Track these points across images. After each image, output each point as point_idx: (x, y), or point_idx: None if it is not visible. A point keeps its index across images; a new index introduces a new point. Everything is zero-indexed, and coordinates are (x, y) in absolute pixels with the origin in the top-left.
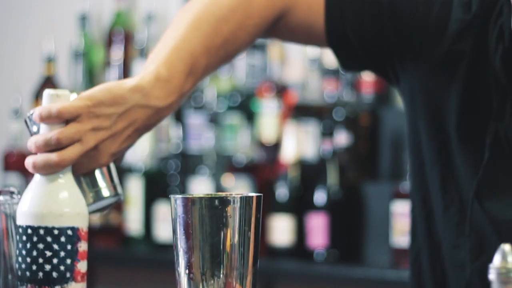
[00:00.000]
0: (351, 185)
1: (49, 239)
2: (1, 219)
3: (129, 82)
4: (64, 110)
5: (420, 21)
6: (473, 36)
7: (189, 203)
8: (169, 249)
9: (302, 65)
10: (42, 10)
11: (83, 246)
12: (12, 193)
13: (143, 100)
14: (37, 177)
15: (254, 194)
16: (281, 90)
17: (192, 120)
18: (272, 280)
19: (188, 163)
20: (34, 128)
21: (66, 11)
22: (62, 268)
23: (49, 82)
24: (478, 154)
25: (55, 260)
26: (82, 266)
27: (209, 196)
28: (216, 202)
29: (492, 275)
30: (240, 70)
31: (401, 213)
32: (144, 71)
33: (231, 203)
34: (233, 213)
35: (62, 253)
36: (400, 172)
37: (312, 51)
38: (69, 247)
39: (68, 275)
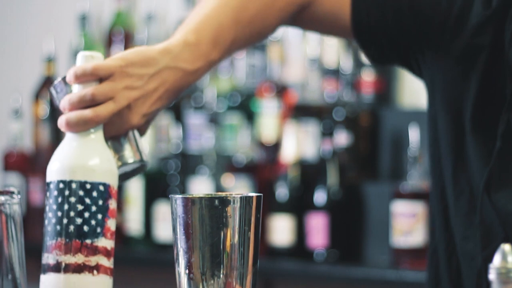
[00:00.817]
0: (351, 185)
1: (81, 193)
2: (1, 219)
3: (158, 46)
4: (99, 67)
5: (442, 14)
6: (492, 31)
7: (189, 203)
8: (169, 249)
9: (302, 65)
10: (42, 10)
11: (113, 204)
12: (12, 193)
13: (172, 62)
14: (69, 135)
15: (254, 194)
16: (281, 90)
17: (192, 120)
18: (272, 280)
19: (188, 163)
20: (61, 96)
21: (66, 11)
22: (93, 222)
23: (49, 82)
24: (490, 144)
25: (86, 214)
26: (111, 223)
27: (209, 196)
28: (216, 202)
29: (492, 275)
30: (240, 70)
31: (401, 213)
32: (173, 38)
33: (231, 203)
34: (233, 213)
35: (94, 208)
36: (400, 172)
37: (312, 51)
38: (100, 202)
39: (98, 230)
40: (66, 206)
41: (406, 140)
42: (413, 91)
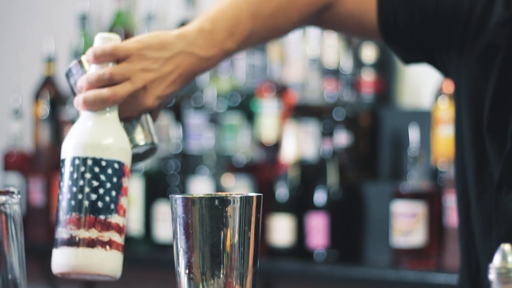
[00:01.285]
0: (351, 185)
1: (96, 169)
2: (1, 219)
3: (174, 31)
4: (118, 48)
5: (465, 14)
6: (509, 32)
7: (189, 203)
8: (169, 249)
9: (302, 65)
10: (42, 10)
11: (126, 183)
12: (12, 193)
13: (187, 48)
14: (84, 114)
15: (254, 194)
16: (281, 90)
17: (192, 120)
18: (272, 280)
19: (188, 163)
20: (77, 77)
21: (66, 11)
22: (107, 199)
23: (49, 82)
24: (503, 144)
25: (101, 191)
26: (124, 201)
27: (209, 196)
28: (216, 202)
29: (492, 275)
30: (240, 70)
31: (401, 213)
32: (189, 25)
33: (231, 203)
34: (233, 213)
35: (108, 185)
36: (400, 172)
37: (312, 51)
38: (114, 180)
39: (112, 206)
40: (81, 182)
41: (406, 140)
42: (413, 91)
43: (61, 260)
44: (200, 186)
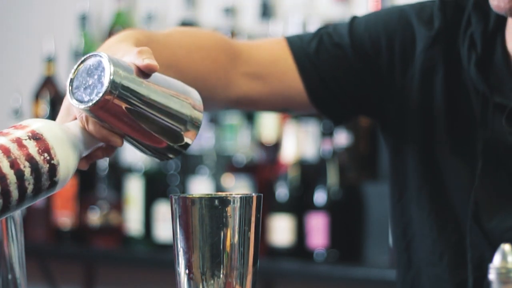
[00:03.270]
0: (351, 185)
1: None
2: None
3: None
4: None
5: (386, 54)
6: (442, 50)
7: (189, 203)
8: (169, 249)
9: None
10: (42, 10)
11: None
12: None
13: None
14: None
15: (254, 194)
16: None
17: None
18: (272, 280)
19: (188, 163)
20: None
21: (66, 11)
22: None
23: (49, 82)
24: (471, 163)
25: None
26: None
27: (209, 196)
28: (216, 202)
29: (492, 275)
30: None
31: None
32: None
33: (231, 203)
34: (233, 213)
35: None
36: None
37: None
38: None
39: None
40: None
41: None
42: None
43: None
44: (200, 186)
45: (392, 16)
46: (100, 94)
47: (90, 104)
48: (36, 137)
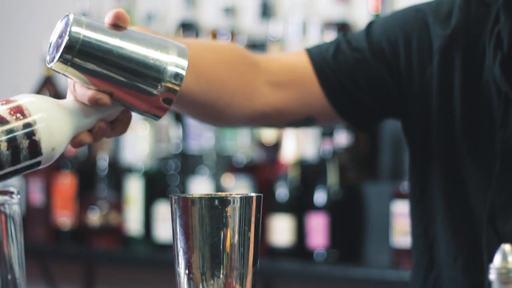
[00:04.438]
0: (351, 185)
1: None
2: (1, 219)
3: None
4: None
5: (404, 54)
6: (460, 48)
7: (189, 203)
8: (169, 249)
9: None
10: (42, 9)
11: None
12: (11, 193)
13: None
14: None
15: (254, 194)
16: None
17: (192, 120)
18: (272, 280)
19: (188, 163)
20: None
21: (66, 10)
22: None
23: (49, 82)
24: (489, 164)
25: None
26: None
27: (209, 196)
28: (216, 202)
29: (492, 275)
30: None
31: (401, 213)
32: None
33: (231, 203)
34: (233, 213)
35: None
36: (400, 172)
37: None
38: None
39: None
40: None
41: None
42: None
43: None
44: (200, 186)
45: (409, 16)
46: (61, 49)
47: (55, 61)
48: (12, 104)
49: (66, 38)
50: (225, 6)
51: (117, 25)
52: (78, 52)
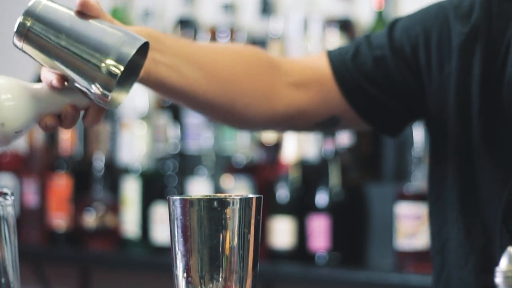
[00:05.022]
0: (354, 186)
1: None
2: None
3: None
4: None
5: (423, 52)
6: (479, 46)
7: (187, 205)
8: (166, 252)
9: None
10: None
11: None
12: (5, 194)
13: None
14: None
15: (254, 196)
16: None
17: (190, 119)
18: (272, 284)
19: (186, 163)
20: None
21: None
22: None
23: None
24: (506, 164)
25: None
26: None
27: (208, 197)
28: (215, 203)
29: (498, 279)
30: None
31: (405, 215)
32: None
33: (230, 205)
34: (233, 215)
35: None
36: (404, 173)
37: (314, 48)
38: None
39: None
40: None
41: (410, 140)
42: None
43: None
44: (199, 187)
45: (430, 12)
46: (16, 25)
47: (14, 33)
48: None
49: (24, 11)
50: (224, 2)
51: (82, 13)
52: (32, 27)
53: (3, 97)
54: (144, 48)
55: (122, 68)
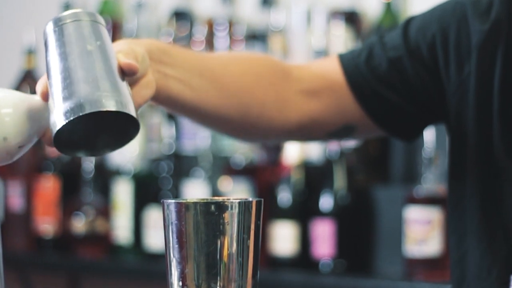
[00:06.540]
0: (360, 189)
1: None
2: None
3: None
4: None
5: (441, 50)
6: (500, 43)
7: (183, 209)
8: (160, 259)
9: (307, 57)
10: (22, 3)
11: None
12: None
13: None
14: None
15: (254, 199)
16: None
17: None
18: None
19: (181, 164)
20: None
21: (46, 4)
22: None
23: (29, 75)
24: None
25: None
26: None
27: (205, 201)
28: (212, 207)
29: None
30: None
31: (415, 219)
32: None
33: (229, 209)
34: (231, 220)
35: None
36: (414, 175)
37: (317, 42)
38: None
39: None
40: None
41: (421, 140)
42: None
43: None
44: (195, 190)
45: (447, 9)
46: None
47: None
48: None
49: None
50: None
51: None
52: (70, 24)
53: (4, 111)
54: (133, 124)
55: (79, 114)
